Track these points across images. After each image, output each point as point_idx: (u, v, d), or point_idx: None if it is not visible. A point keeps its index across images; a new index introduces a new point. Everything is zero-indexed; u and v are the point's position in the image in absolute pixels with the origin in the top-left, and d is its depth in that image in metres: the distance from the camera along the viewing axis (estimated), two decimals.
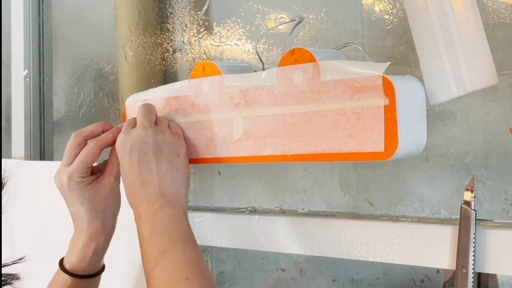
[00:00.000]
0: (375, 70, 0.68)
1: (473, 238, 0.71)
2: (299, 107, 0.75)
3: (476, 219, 0.72)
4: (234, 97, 0.80)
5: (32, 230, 1.17)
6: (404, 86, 0.68)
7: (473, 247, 0.72)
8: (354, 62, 0.71)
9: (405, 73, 0.83)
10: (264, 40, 0.96)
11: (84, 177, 0.83)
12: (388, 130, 0.67)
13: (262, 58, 0.87)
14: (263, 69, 0.82)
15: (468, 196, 0.73)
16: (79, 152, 0.83)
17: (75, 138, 0.84)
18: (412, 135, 0.69)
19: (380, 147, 0.68)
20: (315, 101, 0.73)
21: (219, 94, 0.82)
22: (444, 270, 0.98)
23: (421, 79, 0.72)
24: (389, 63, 0.68)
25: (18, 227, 1.19)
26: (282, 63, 0.76)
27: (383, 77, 0.67)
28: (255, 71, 0.83)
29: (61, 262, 0.88)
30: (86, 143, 0.83)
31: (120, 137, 0.81)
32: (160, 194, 0.77)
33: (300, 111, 0.74)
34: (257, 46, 0.94)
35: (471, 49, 0.68)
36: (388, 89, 0.67)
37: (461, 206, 0.73)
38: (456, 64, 0.68)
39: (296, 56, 0.75)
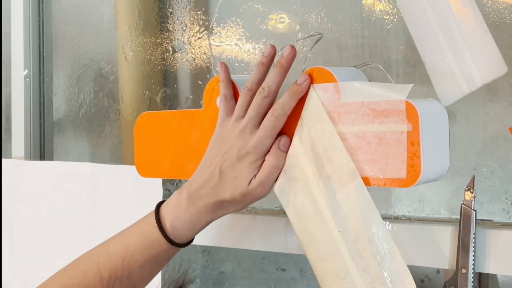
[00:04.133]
0: (398, 94, 0.66)
1: (473, 238, 0.71)
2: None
3: (476, 219, 0.72)
4: None
5: (32, 230, 1.17)
6: (427, 111, 0.66)
7: (473, 247, 0.72)
8: (376, 84, 0.68)
9: (406, 72, 0.83)
10: (264, 39, 0.96)
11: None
12: (411, 156, 0.65)
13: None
14: None
15: (468, 196, 0.73)
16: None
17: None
18: (435, 161, 0.66)
19: (402, 174, 0.66)
20: (335, 122, 0.71)
21: None
22: (444, 270, 0.98)
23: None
24: (411, 85, 0.65)
25: (18, 227, 1.19)
26: None
27: (406, 101, 0.65)
28: None
29: (159, 218, 0.76)
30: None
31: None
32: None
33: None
34: (274, 63, 0.94)
35: (475, 43, 0.67)
36: (412, 114, 0.65)
37: (461, 206, 0.73)
38: (462, 61, 0.68)
39: (315, 76, 0.74)
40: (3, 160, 1.21)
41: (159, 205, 0.76)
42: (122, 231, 0.78)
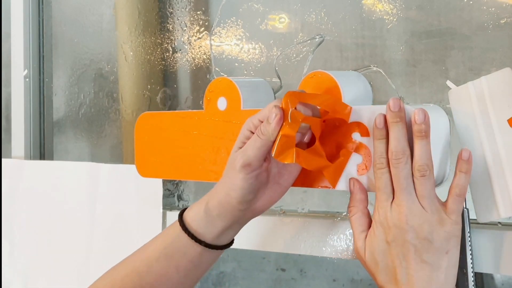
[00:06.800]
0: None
1: (469, 237, 0.71)
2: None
3: (469, 218, 0.72)
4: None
5: (32, 230, 1.17)
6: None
7: (470, 245, 0.71)
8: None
9: (406, 72, 0.83)
10: (262, 40, 0.96)
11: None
12: None
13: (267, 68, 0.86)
14: (281, 86, 0.80)
15: None
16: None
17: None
18: (436, 166, 0.66)
19: None
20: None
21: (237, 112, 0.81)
22: None
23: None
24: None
25: (18, 227, 1.19)
26: (302, 87, 0.75)
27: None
28: (272, 87, 0.81)
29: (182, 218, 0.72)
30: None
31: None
32: None
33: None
34: (275, 63, 0.94)
35: None
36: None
37: None
38: (505, 187, 0.68)
39: (316, 78, 0.73)
40: (3, 160, 1.21)
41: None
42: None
